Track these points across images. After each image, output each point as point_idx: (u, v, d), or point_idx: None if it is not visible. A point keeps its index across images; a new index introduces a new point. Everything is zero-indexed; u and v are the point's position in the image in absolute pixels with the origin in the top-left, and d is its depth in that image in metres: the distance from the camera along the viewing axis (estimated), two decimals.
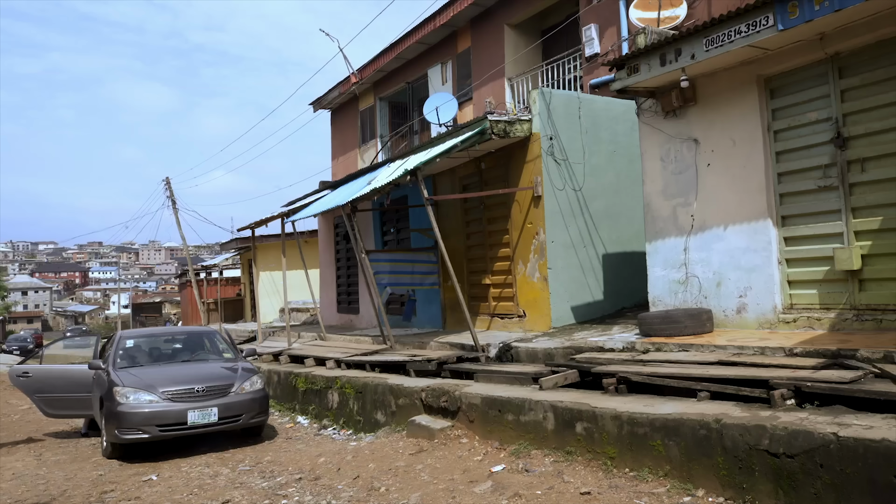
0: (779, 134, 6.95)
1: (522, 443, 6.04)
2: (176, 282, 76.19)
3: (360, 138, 19.28)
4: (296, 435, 9.01)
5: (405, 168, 9.36)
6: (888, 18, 5.84)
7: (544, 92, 9.61)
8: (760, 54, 6.74)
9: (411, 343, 10.53)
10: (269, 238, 21.13)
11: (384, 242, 13.95)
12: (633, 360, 6.47)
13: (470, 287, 10.93)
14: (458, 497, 5.24)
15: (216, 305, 28.29)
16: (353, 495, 5.65)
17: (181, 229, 30.86)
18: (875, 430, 3.89)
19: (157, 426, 7.82)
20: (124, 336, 9.99)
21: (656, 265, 8.04)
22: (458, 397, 6.94)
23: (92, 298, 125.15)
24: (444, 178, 11.68)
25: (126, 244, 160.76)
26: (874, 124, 6.15)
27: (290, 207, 14.80)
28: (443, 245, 9.09)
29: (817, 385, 4.75)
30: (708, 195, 7.49)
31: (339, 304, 16.43)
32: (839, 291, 6.46)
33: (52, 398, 9.62)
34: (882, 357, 5.04)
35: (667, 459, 4.87)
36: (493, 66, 13.81)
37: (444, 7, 14.59)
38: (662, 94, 7.77)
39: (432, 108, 13.49)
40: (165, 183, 30.96)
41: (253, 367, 9.35)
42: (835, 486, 3.91)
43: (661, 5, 9.41)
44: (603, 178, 10.02)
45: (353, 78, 18.12)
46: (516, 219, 9.96)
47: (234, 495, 6.06)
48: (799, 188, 6.79)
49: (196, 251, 79.72)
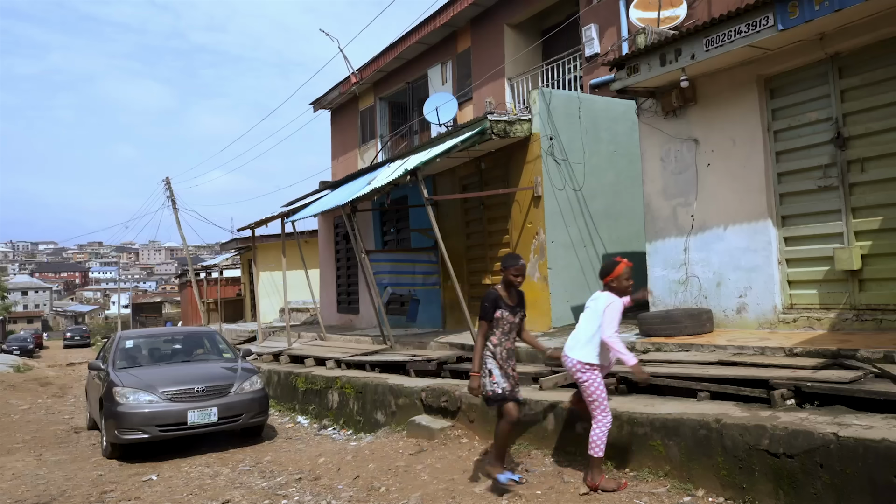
0: (779, 134, 6.95)
1: (522, 443, 6.04)
2: (176, 282, 76.13)
3: (360, 138, 19.27)
4: (296, 435, 9.01)
5: (405, 168, 9.36)
6: (888, 18, 5.83)
7: (544, 92, 9.61)
8: (760, 54, 6.74)
9: (411, 343, 10.53)
10: (269, 238, 21.11)
11: (384, 242, 13.95)
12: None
13: (470, 287, 10.93)
14: (458, 497, 5.24)
15: (216, 305, 28.30)
16: (353, 495, 5.65)
17: (181, 229, 30.89)
18: (875, 430, 3.89)
19: (157, 426, 7.82)
20: (124, 336, 9.99)
21: (656, 265, 8.04)
22: (458, 397, 6.93)
23: (92, 298, 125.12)
24: (444, 178, 11.68)
25: (126, 244, 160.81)
26: (874, 124, 6.14)
27: (290, 207, 14.80)
28: (443, 245, 9.09)
29: (817, 385, 4.75)
30: (708, 195, 7.49)
31: (339, 304, 16.43)
32: (839, 291, 6.46)
33: None
34: (882, 357, 5.04)
35: (667, 459, 4.86)
36: (493, 66, 13.80)
37: (444, 7, 14.58)
38: (662, 94, 7.77)
39: (432, 108, 13.48)
40: (165, 183, 30.98)
41: (253, 367, 9.35)
42: (835, 486, 3.91)
43: (661, 5, 9.40)
44: (603, 178, 10.02)
45: (353, 78, 18.11)
46: (516, 219, 9.96)
47: (234, 495, 6.06)
48: (799, 188, 6.79)
49: (196, 251, 79.76)
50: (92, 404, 9.79)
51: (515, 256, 5.22)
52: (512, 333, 5.15)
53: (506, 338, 5.11)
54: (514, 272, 5.11)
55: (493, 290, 5.15)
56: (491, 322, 5.04)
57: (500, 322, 5.06)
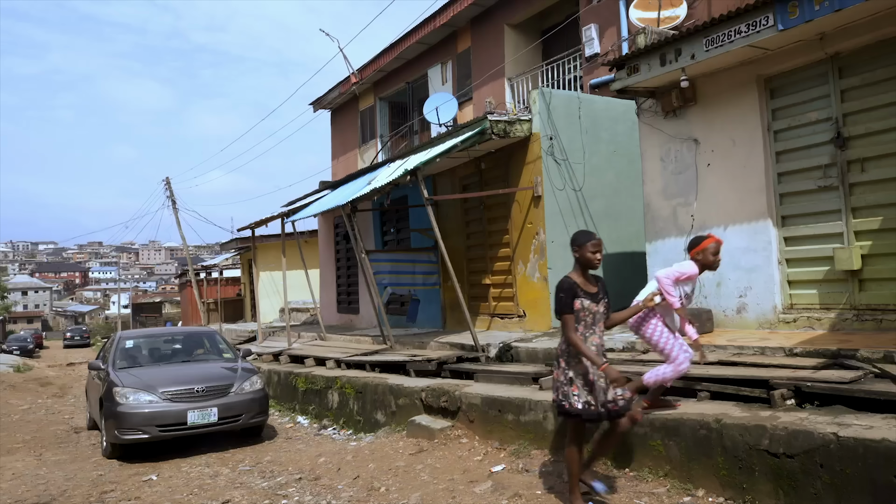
0: (779, 134, 6.95)
1: (522, 443, 6.04)
2: (176, 282, 76.14)
3: (360, 138, 19.27)
4: (296, 435, 9.01)
5: (405, 168, 9.36)
6: (888, 18, 5.84)
7: (544, 92, 9.61)
8: (760, 54, 6.74)
9: (411, 343, 10.53)
10: (269, 238, 21.11)
11: (384, 242, 13.95)
12: (633, 360, 6.47)
13: (470, 287, 10.93)
14: (458, 497, 5.24)
15: (216, 305, 28.30)
16: (353, 495, 5.65)
17: (181, 229, 30.94)
18: (875, 430, 3.89)
19: (157, 426, 7.82)
20: (124, 336, 9.99)
21: (656, 265, 8.02)
22: (458, 397, 6.94)
23: (92, 298, 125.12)
24: (444, 178, 11.67)
25: (126, 244, 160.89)
26: (874, 124, 6.15)
27: (290, 207, 14.79)
28: (443, 245, 9.09)
29: (817, 385, 4.75)
30: (708, 195, 7.49)
31: (339, 304, 16.43)
32: (839, 291, 6.46)
33: None
34: (882, 357, 5.03)
35: (667, 459, 4.87)
36: (493, 66, 13.80)
37: (444, 7, 14.58)
38: (662, 94, 7.77)
39: (432, 108, 13.48)
40: (165, 183, 31.02)
41: (253, 367, 9.35)
42: (835, 486, 3.91)
43: (661, 5, 9.40)
44: (603, 178, 10.02)
45: (353, 78, 18.11)
46: (516, 219, 9.96)
47: (234, 495, 6.06)
48: (799, 188, 6.79)
49: (196, 251, 79.75)
50: (92, 404, 9.79)
51: (587, 231, 4.57)
52: (597, 326, 4.41)
53: (590, 332, 4.38)
54: (592, 248, 4.37)
55: (567, 277, 4.42)
56: (571, 314, 4.34)
57: (580, 315, 4.34)
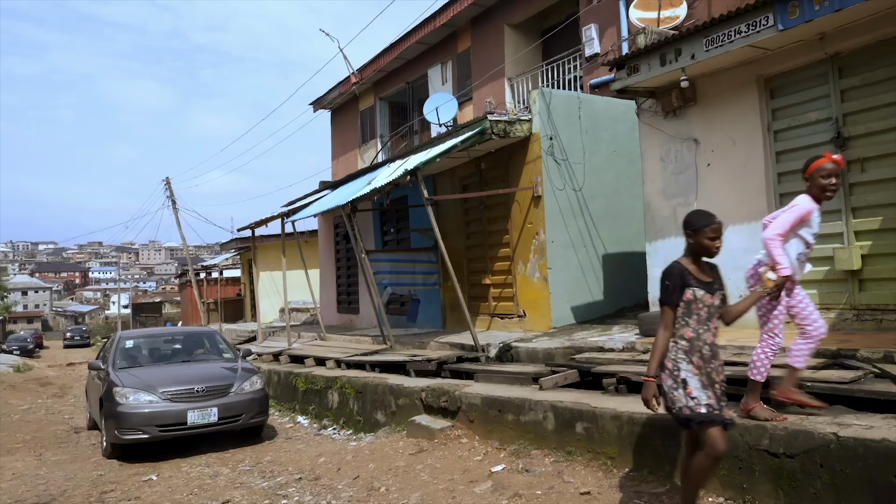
0: (779, 134, 6.95)
1: (522, 443, 6.04)
2: (176, 282, 76.13)
3: (360, 138, 19.28)
4: (296, 435, 9.01)
5: (405, 168, 9.36)
6: (888, 18, 5.84)
7: (544, 92, 9.61)
8: (760, 54, 6.74)
9: (411, 343, 10.53)
10: (269, 238, 21.11)
11: (384, 242, 13.95)
12: (633, 360, 6.47)
13: (470, 287, 10.93)
14: (458, 497, 5.23)
15: (216, 305, 28.30)
16: (353, 495, 5.65)
17: (181, 229, 30.94)
18: (875, 430, 3.89)
19: (157, 426, 7.82)
20: (124, 336, 9.99)
21: (656, 265, 8.03)
22: (458, 397, 6.93)
23: (92, 298, 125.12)
24: (444, 178, 11.68)
25: (126, 244, 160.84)
26: (874, 124, 6.14)
27: (290, 207, 14.80)
28: (443, 245, 9.09)
29: (817, 385, 4.75)
30: (708, 195, 7.49)
31: (339, 304, 16.43)
32: (839, 291, 6.46)
33: None
34: (882, 357, 5.04)
35: (667, 459, 4.86)
36: (493, 66, 13.80)
37: (444, 7, 14.58)
38: (662, 94, 7.77)
39: (432, 108, 13.48)
40: (165, 183, 31.02)
41: (253, 367, 9.35)
42: (835, 486, 3.91)
43: (661, 5, 9.40)
44: (603, 178, 10.02)
45: (353, 78, 18.11)
46: (516, 219, 9.96)
47: (234, 495, 6.06)
48: (799, 188, 6.74)
49: (196, 251, 79.75)
50: (92, 404, 9.79)
51: (706, 213, 3.82)
52: (712, 321, 3.79)
53: (704, 328, 3.73)
54: (712, 233, 3.72)
55: (677, 262, 3.80)
56: (677, 307, 3.70)
57: (692, 307, 3.70)
